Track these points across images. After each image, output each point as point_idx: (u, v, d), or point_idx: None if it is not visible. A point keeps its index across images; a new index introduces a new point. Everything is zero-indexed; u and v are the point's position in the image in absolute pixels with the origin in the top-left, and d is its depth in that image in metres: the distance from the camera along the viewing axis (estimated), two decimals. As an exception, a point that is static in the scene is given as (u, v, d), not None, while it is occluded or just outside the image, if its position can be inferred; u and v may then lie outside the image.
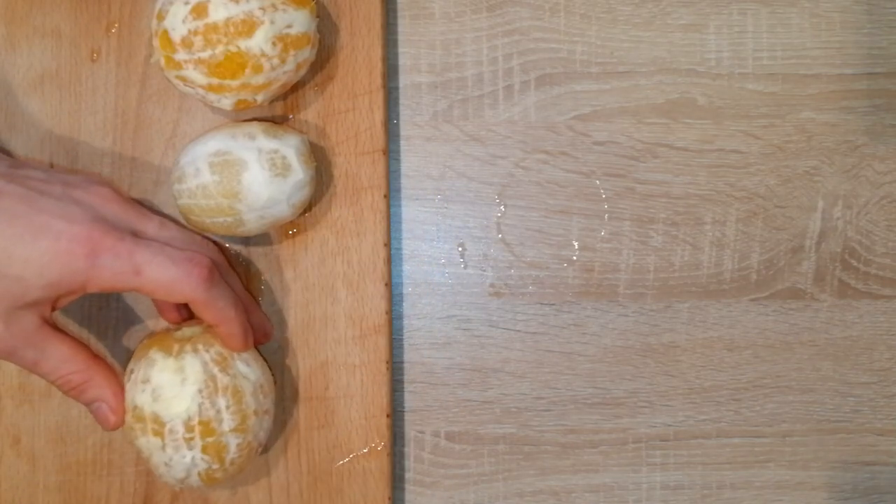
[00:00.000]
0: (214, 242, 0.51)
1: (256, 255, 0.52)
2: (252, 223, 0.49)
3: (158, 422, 0.45)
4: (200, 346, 0.47)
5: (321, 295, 0.52)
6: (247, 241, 0.52)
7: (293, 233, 0.52)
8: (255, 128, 0.49)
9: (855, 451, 0.55)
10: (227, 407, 0.46)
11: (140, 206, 0.48)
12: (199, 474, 0.46)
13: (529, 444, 0.55)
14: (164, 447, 0.45)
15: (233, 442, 0.46)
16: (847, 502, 0.55)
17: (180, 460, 0.45)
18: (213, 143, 0.48)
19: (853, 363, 0.55)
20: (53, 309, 0.45)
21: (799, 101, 0.55)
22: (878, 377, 0.55)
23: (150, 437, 0.46)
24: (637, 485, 0.55)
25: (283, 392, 0.52)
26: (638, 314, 0.55)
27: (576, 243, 0.55)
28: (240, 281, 0.51)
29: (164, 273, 0.44)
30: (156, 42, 0.47)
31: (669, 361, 0.55)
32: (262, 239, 0.52)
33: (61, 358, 0.45)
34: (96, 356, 0.46)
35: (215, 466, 0.46)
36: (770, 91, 0.55)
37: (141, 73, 0.53)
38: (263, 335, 0.51)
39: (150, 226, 0.46)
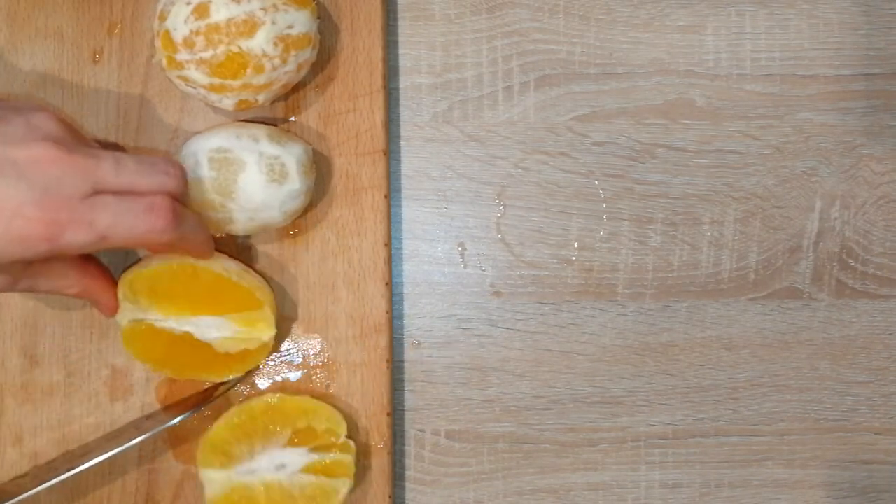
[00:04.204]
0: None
1: (257, 253, 0.53)
2: (241, 223, 0.49)
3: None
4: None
5: (322, 294, 0.52)
6: (248, 239, 0.52)
7: (294, 232, 0.53)
8: (260, 131, 0.49)
9: (852, 450, 0.55)
10: None
11: (90, 145, 0.45)
12: None
13: (529, 442, 0.55)
14: None
15: None
16: (844, 501, 0.55)
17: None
18: (217, 140, 0.48)
19: (851, 362, 0.55)
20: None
21: (797, 102, 0.56)
22: (876, 376, 0.55)
23: None
24: (636, 483, 0.55)
25: (285, 391, 0.52)
26: (637, 314, 0.55)
27: (575, 243, 0.55)
28: (186, 183, 0.48)
29: (129, 230, 0.43)
30: (158, 42, 0.48)
31: (668, 360, 0.55)
32: (263, 238, 0.53)
33: (53, 281, 0.47)
34: (86, 264, 0.48)
35: None
36: (768, 92, 0.56)
37: (143, 74, 0.53)
38: None
39: (106, 169, 0.43)
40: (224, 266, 0.49)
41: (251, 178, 0.48)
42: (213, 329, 0.49)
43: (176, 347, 0.50)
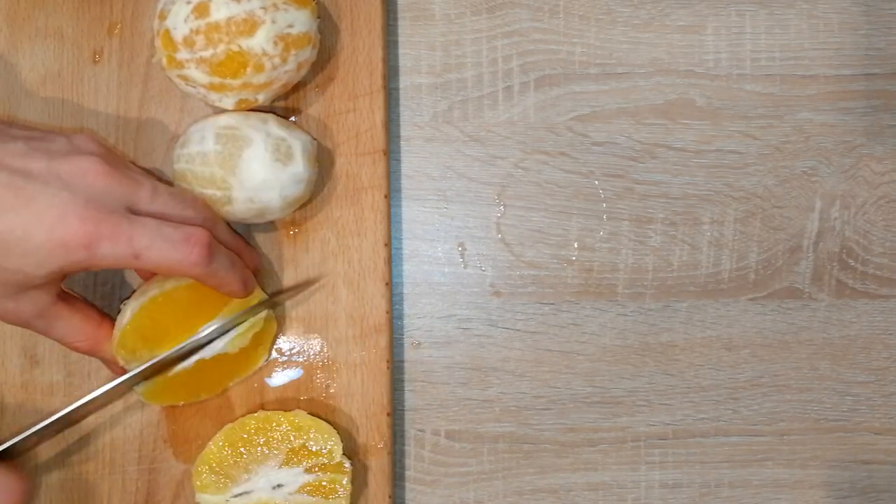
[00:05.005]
0: None
1: (258, 254, 0.53)
2: (240, 204, 0.48)
3: None
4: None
5: (322, 294, 0.52)
6: (248, 237, 0.52)
7: (294, 232, 0.53)
8: (269, 116, 0.49)
9: (852, 450, 0.55)
10: None
11: (129, 167, 0.46)
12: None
13: (529, 442, 0.55)
14: None
15: None
16: (844, 501, 0.55)
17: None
18: (226, 119, 0.48)
19: (851, 362, 0.55)
20: (63, 279, 0.45)
21: (797, 102, 0.56)
22: (876, 376, 0.55)
23: None
24: (636, 483, 0.55)
25: (285, 391, 0.52)
26: (637, 314, 0.55)
27: (575, 243, 0.55)
28: (227, 226, 0.50)
29: (163, 257, 0.44)
30: (158, 41, 0.48)
31: (668, 360, 0.55)
32: (263, 237, 0.53)
33: (69, 329, 0.47)
34: (103, 322, 0.48)
35: None
36: (768, 92, 0.56)
37: (143, 74, 0.53)
38: (255, 269, 0.51)
39: (143, 195, 0.45)
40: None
41: (256, 154, 0.48)
42: (217, 340, 0.49)
43: (197, 376, 0.50)
